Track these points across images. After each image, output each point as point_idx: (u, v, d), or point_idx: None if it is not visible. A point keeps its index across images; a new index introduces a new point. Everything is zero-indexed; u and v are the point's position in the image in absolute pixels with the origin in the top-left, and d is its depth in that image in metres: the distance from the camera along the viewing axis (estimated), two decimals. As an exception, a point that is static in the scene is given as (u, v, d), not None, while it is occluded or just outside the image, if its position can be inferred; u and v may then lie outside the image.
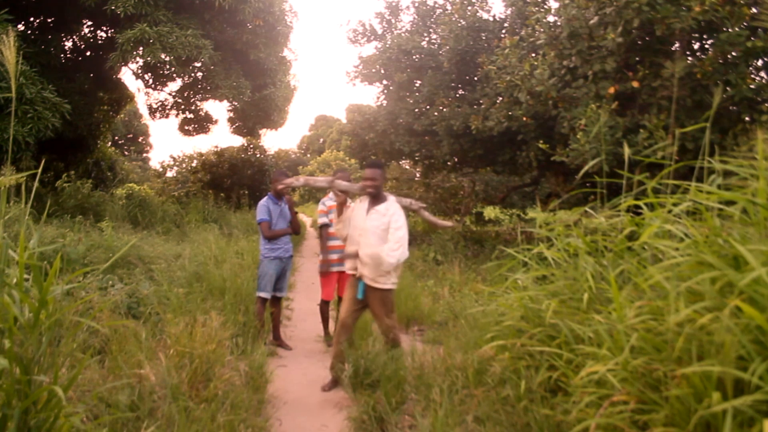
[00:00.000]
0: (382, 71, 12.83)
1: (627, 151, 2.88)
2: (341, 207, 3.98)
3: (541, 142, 8.37)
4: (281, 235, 5.04)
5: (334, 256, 5.04)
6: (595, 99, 6.94)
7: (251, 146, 18.77)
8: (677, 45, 6.86)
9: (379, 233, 3.76)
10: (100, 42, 13.12)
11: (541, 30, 8.13)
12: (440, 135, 11.21)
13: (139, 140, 32.89)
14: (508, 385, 2.86)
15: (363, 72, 13.23)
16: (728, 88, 6.06)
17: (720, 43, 6.10)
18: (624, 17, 6.34)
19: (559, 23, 7.78)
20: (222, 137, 76.54)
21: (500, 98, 9.47)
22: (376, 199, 3.89)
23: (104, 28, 12.94)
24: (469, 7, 11.33)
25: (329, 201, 5.14)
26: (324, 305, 5.26)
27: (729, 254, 1.83)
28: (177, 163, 19.76)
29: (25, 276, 2.10)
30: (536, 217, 3.52)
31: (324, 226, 5.11)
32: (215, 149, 18.80)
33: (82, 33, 13.19)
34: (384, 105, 13.29)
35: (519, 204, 15.62)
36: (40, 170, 2.53)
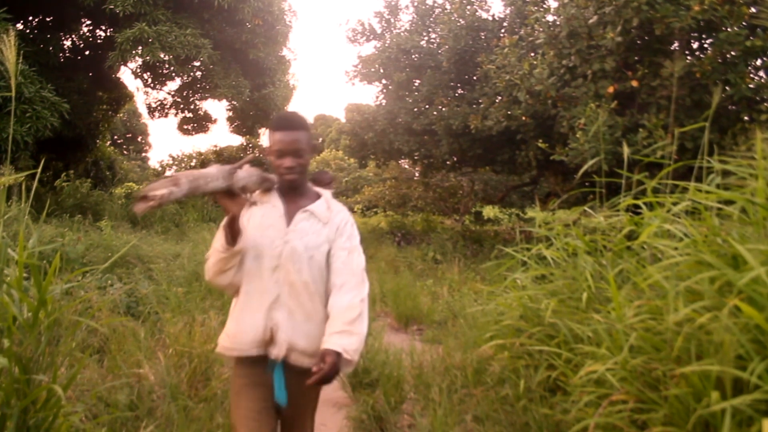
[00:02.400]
0: (381, 71, 12.83)
1: (626, 150, 2.88)
2: (234, 223, 1.73)
3: (540, 141, 8.39)
4: None
5: None
6: (594, 98, 6.94)
7: (250, 145, 18.76)
8: (676, 44, 6.87)
9: (317, 258, 1.83)
10: (99, 41, 13.10)
11: (540, 29, 8.13)
12: (439, 134, 11.21)
13: (138, 139, 32.85)
14: (507, 385, 2.86)
15: (362, 71, 13.22)
16: (727, 88, 6.06)
17: (719, 42, 6.10)
18: (623, 16, 6.34)
19: (558, 22, 7.78)
20: (221, 136, 76.53)
21: (499, 97, 9.47)
22: (297, 192, 1.91)
23: (103, 28, 12.92)
24: (468, 7, 11.33)
25: None
26: None
27: (728, 254, 1.83)
28: (176, 163, 19.76)
29: (24, 275, 2.10)
30: (535, 216, 3.52)
31: None
32: (214, 148, 18.79)
33: (81, 32, 13.18)
34: (383, 104, 13.28)
35: (518, 203, 15.63)
36: (39, 170, 2.53)
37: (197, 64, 12.12)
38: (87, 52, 13.30)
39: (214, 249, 1.80)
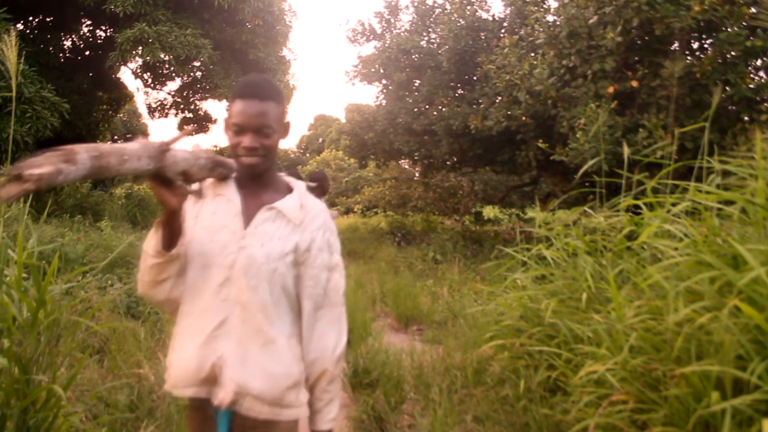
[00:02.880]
0: (381, 71, 12.83)
1: (626, 150, 2.88)
2: (172, 220, 1.29)
3: (540, 141, 8.38)
4: None
5: None
6: (594, 98, 6.94)
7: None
8: (676, 44, 6.87)
9: (281, 271, 1.35)
10: (99, 41, 13.11)
11: (541, 29, 8.13)
12: (439, 134, 11.21)
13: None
14: (507, 385, 2.87)
15: (362, 71, 13.23)
16: (727, 88, 6.07)
17: (719, 42, 6.11)
18: (623, 16, 6.34)
19: (558, 22, 7.78)
20: (221, 137, 76.59)
21: (499, 98, 9.47)
22: (261, 183, 1.44)
23: (103, 28, 12.93)
24: (469, 7, 11.34)
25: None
26: None
27: (728, 254, 1.83)
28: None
29: (24, 275, 2.10)
30: (535, 216, 3.53)
31: None
32: (214, 149, 18.80)
33: (81, 32, 13.19)
34: (383, 104, 13.29)
35: (518, 203, 15.63)
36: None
37: (197, 64, 12.14)
38: (87, 53, 13.31)
39: (144, 252, 1.35)
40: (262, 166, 1.37)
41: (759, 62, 6.59)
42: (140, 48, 9.91)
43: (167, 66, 11.12)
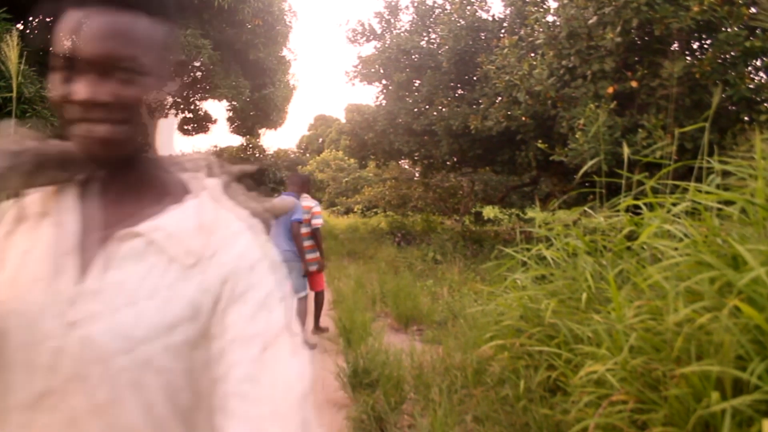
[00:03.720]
0: (381, 71, 12.84)
1: (626, 150, 2.88)
2: None
3: (540, 141, 8.39)
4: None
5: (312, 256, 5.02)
6: (593, 99, 6.94)
7: (250, 146, 18.78)
8: (676, 45, 6.88)
9: (160, 364, 0.61)
10: (99, 42, 13.15)
11: (540, 30, 8.13)
12: (439, 135, 11.23)
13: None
14: (507, 385, 2.87)
15: (362, 72, 13.24)
16: (727, 88, 6.07)
17: (719, 43, 6.11)
18: (623, 17, 6.35)
19: (558, 23, 7.78)
20: (221, 137, 76.88)
21: (499, 98, 9.48)
22: (126, 181, 0.72)
23: (103, 28, 12.97)
24: (468, 7, 11.34)
25: (306, 201, 5.02)
26: (320, 295, 5.32)
27: (728, 254, 1.83)
28: (176, 163, 19.73)
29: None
30: (535, 216, 3.53)
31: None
32: (214, 149, 18.80)
33: (81, 33, 13.23)
34: (383, 105, 13.30)
35: (518, 204, 15.64)
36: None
37: (197, 64, 12.15)
38: (87, 53, 13.34)
39: None
40: (116, 145, 0.68)
41: (758, 62, 6.60)
42: (140, 48, 9.94)
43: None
